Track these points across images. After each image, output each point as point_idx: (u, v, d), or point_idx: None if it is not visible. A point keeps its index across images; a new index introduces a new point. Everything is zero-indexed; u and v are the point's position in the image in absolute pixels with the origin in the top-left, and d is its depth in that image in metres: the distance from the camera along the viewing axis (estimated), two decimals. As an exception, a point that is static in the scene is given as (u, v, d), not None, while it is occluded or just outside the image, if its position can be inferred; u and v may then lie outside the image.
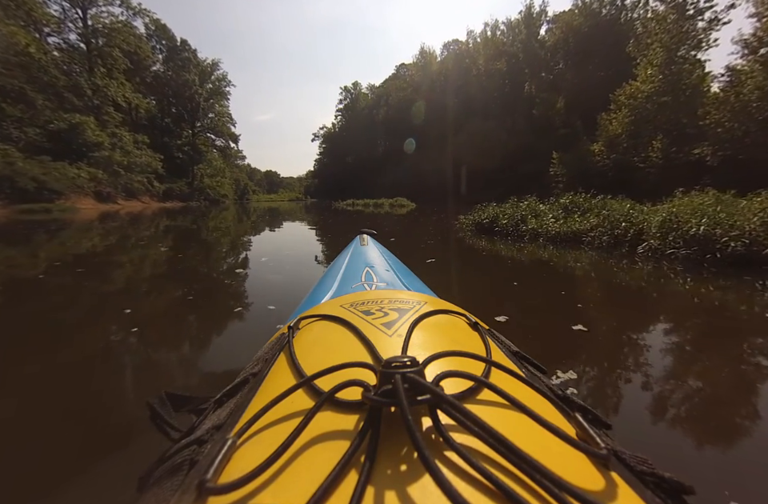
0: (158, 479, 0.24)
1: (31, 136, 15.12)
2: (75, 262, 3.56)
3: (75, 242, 5.33)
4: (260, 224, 9.45)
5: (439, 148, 28.44)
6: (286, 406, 0.27)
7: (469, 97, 28.15)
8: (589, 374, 1.34)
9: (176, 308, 2.16)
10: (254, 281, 2.81)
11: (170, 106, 29.52)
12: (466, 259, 3.92)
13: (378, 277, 0.77)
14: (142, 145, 22.95)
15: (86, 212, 13.50)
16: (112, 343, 1.63)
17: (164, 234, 6.54)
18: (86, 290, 2.49)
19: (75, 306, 2.21)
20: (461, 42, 32.44)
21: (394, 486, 0.18)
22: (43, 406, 1.09)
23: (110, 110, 20.91)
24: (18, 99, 14.98)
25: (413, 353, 0.33)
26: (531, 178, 21.04)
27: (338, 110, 50.98)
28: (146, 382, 1.29)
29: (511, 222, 5.25)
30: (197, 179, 30.56)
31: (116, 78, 21.09)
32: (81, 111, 18.12)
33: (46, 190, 13.98)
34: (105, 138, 18.76)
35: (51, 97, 16.84)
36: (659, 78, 13.42)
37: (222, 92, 33.40)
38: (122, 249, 4.56)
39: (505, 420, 0.24)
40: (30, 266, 3.38)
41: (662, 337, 1.75)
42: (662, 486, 0.22)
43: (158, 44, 28.10)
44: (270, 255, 3.99)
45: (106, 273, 3.09)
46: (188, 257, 3.96)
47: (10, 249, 4.54)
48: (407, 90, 35.46)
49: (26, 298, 2.30)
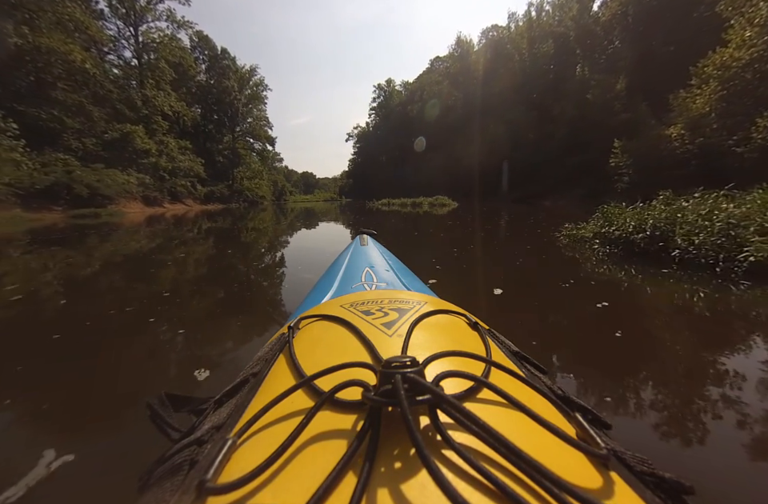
0: (158, 479, 0.25)
1: (89, 146, 16.33)
2: (122, 262, 3.71)
3: (122, 244, 5.40)
4: (296, 225, 9.10)
5: (476, 142, 26.69)
6: (286, 406, 0.27)
7: (511, 85, 26.02)
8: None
9: (216, 309, 2.12)
10: (289, 291, 2.51)
11: (211, 112, 31.01)
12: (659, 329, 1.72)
13: (378, 277, 0.77)
14: (186, 150, 24.19)
15: (133, 215, 14.23)
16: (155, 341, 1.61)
17: (205, 236, 6.52)
18: (129, 290, 2.52)
19: (119, 303, 2.18)
20: (501, 28, 30.18)
21: (394, 485, 0.18)
22: (58, 399, 1.10)
23: (158, 118, 22.22)
24: (78, 112, 16.26)
25: (413, 353, 0.33)
26: (583, 171, 18.77)
27: (371, 109, 50.64)
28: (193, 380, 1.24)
29: (711, 239, 2.67)
30: (236, 182, 31.84)
31: (163, 88, 22.39)
32: (132, 121, 19.38)
33: (99, 196, 14.95)
34: (152, 145, 19.91)
35: (108, 109, 18.16)
36: (763, 40, 10.88)
37: (260, 96, 34.47)
38: (165, 250, 4.62)
39: (505, 420, 0.24)
40: (81, 265, 3.51)
41: None
42: (662, 486, 0.22)
43: (201, 54, 29.59)
44: (305, 265, 3.48)
45: (149, 273, 3.14)
46: (225, 260, 3.88)
47: (65, 250, 4.67)
48: (443, 83, 33.92)
49: (76, 296, 2.38)
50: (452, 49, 34.35)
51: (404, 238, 5.22)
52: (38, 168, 13.23)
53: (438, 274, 2.67)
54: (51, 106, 15.03)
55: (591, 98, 20.16)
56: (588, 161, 18.59)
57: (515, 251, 3.82)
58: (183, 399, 0.40)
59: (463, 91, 30.22)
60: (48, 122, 14.78)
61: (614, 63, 21.05)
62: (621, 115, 18.40)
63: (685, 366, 1.33)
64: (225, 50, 30.27)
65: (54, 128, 15.00)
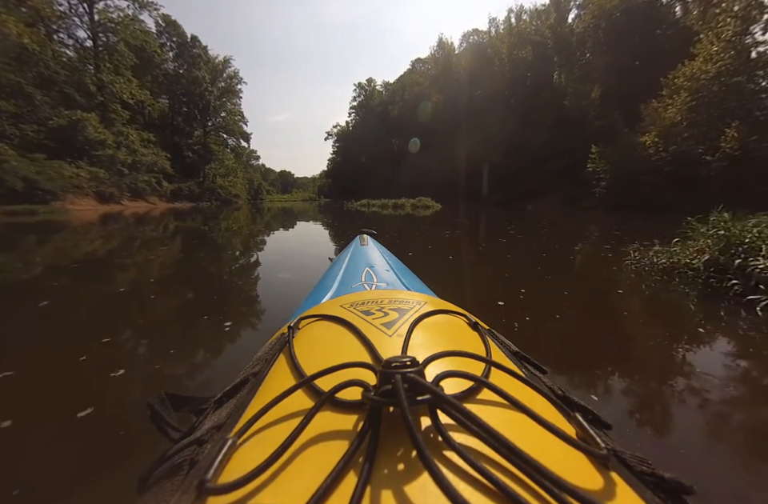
0: (158, 479, 0.25)
1: (28, 133, 14.38)
2: (73, 267, 3.25)
3: (70, 246, 4.61)
4: (273, 225, 8.47)
5: (457, 145, 26.64)
6: (286, 406, 0.27)
7: (490, 89, 26.21)
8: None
9: (191, 310, 2.00)
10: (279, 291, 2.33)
11: (180, 104, 28.94)
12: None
13: (378, 277, 0.77)
14: (149, 143, 22.24)
15: (83, 213, 12.63)
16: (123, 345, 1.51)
17: (171, 237, 5.89)
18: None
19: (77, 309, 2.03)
20: (481, 32, 30.49)
21: (394, 485, 0.18)
22: (45, 407, 1.06)
23: (117, 107, 20.23)
24: (14, 94, 14.28)
25: (413, 353, 0.33)
26: (562, 176, 19.08)
27: (351, 108, 49.80)
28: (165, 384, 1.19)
29: None
30: (208, 179, 29.88)
31: (122, 73, 20.40)
32: (84, 108, 17.42)
33: (40, 190, 13.16)
34: (108, 135, 18.01)
35: (54, 92, 16.17)
36: (730, 55, 11.28)
37: (234, 90, 32.67)
38: (124, 253, 4.06)
39: (505, 420, 0.24)
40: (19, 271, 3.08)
41: None
42: (662, 486, 0.22)
43: (169, 41, 27.54)
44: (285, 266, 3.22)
45: (104, 278, 2.83)
46: (195, 261, 3.54)
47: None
48: (423, 84, 33.79)
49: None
50: (433, 50, 34.34)
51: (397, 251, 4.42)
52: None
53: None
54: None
55: (568, 105, 20.58)
56: (567, 166, 18.91)
57: (568, 286, 2.43)
58: (183, 399, 0.40)
59: (445, 93, 30.16)
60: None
61: (588, 73, 21.66)
62: (595, 122, 18.88)
63: None
64: (195, 37, 28.36)
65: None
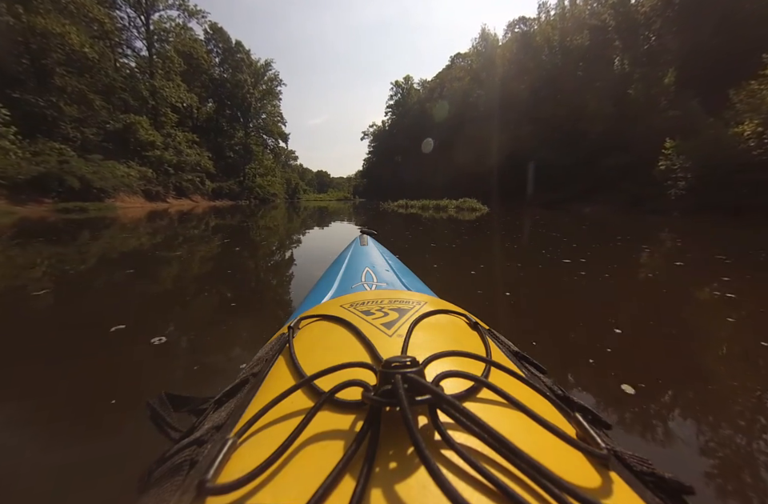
0: (158, 479, 0.25)
1: (89, 136, 15.51)
2: (118, 259, 3.35)
3: (116, 242, 4.55)
4: (308, 223, 8.18)
5: (499, 141, 24.86)
6: (286, 406, 0.27)
7: (539, 80, 24.09)
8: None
9: (219, 306, 1.87)
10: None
11: (224, 107, 30.28)
12: None
13: (378, 277, 0.77)
14: (194, 144, 23.36)
15: (131, 211, 13.32)
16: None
17: (211, 234, 5.81)
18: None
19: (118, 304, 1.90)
20: (529, 20, 28.24)
21: (394, 485, 0.18)
22: (49, 403, 1.02)
23: (167, 110, 21.44)
24: (77, 100, 15.47)
25: (413, 353, 0.33)
26: (620, 174, 16.77)
27: (388, 107, 49.27)
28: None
29: None
30: (247, 178, 31.00)
31: (172, 79, 21.60)
32: (137, 112, 18.57)
33: (94, 189, 14.06)
34: (158, 137, 19.08)
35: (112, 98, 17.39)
36: None
37: (274, 92, 33.61)
38: (167, 247, 4.00)
39: (505, 420, 0.24)
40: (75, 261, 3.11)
41: None
42: (662, 486, 0.22)
43: (215, 47, 28.88)
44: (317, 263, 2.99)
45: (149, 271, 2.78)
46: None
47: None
48: (465, 79, 32.17)
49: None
50: (475, 43, 32.60)
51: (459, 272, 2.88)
52: (28, 157, 12.37)
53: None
54: (49, 92, 14.28)
55: (633, 94, 18.09)
56: (627, 163, 16.60)
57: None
58: (183, 399, 0.39)
59: (486, 88, 28.42)
60: (45, 110, 14.00)
61: (658, 57, 18.93)
62: (668, 112, 16.33)
63: None
64: (239, 42, 29.48)
65: (51, 116, 14.22)
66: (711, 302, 2.09)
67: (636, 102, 17.94)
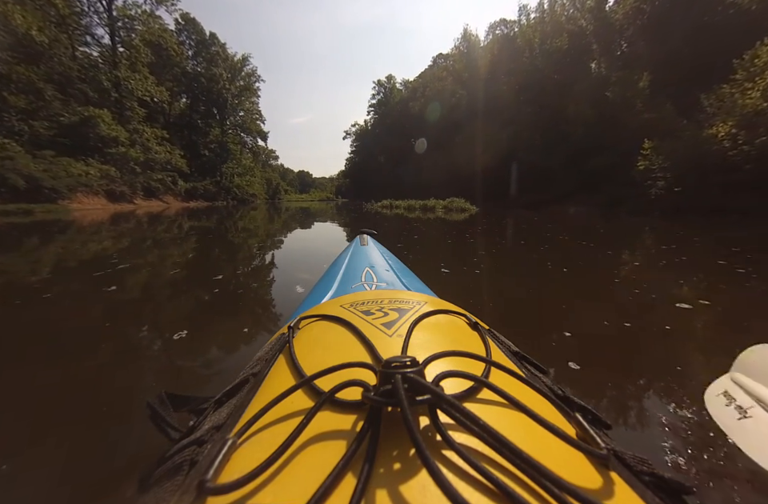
0: (158, 479, 0.25)
1: (38, 129, 14.02)
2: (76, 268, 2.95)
3: (72, 249, 4.07)
4: (290, 225, 7.78)
5: (482, 142, 24.86)
6: (286, 406, 0.27)
7: (520, 82, 24.28)
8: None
9: (207, 309, 1.86)
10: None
11: (198, 102, 28.75)
12: None
13: (378, 277, 0.77)
14: (164, 141, 21.89)
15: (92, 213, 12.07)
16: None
17: (184, 237, 5.45)
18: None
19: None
20: (510, 22, 28.48)
21: (394, 485, 0.18)
22: (45, 406, 1.01)
23: (133, 104, 19.92)
24: (24, 89, 13.94)
25: (413, 353, 0.33)
26: (601, 175, 17.03)
27: (370, 106, 48.63)
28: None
29: None
30: (225, 178, 29.55)
31: (138, 70, 20.09)
32: (98, 105, 17.07)
33: (46, 189, 12.68)
34: (122, 132, 17.63)
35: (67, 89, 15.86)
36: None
37: (252, 88, 32.27)
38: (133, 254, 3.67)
39: (505, 420, 0.24)
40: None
41: None
42: (662, 486, 0.22)
43: (188, 39, 27.36)
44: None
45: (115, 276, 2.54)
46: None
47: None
48: (447, 79, 32.08)
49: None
50: (457, 43, 32.59)
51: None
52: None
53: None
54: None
55: (611, 96, 18.42)
56: (607, 164, 16.86)
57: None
58: (183, 399, 0.40)
59: (468, 89, 28.41)
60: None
61: (632, 61, 19.44)
62: (643, 115, 16.70)
63: None
64: (214, 34, 28.08)
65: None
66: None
67: (614, 104, 18.28)
